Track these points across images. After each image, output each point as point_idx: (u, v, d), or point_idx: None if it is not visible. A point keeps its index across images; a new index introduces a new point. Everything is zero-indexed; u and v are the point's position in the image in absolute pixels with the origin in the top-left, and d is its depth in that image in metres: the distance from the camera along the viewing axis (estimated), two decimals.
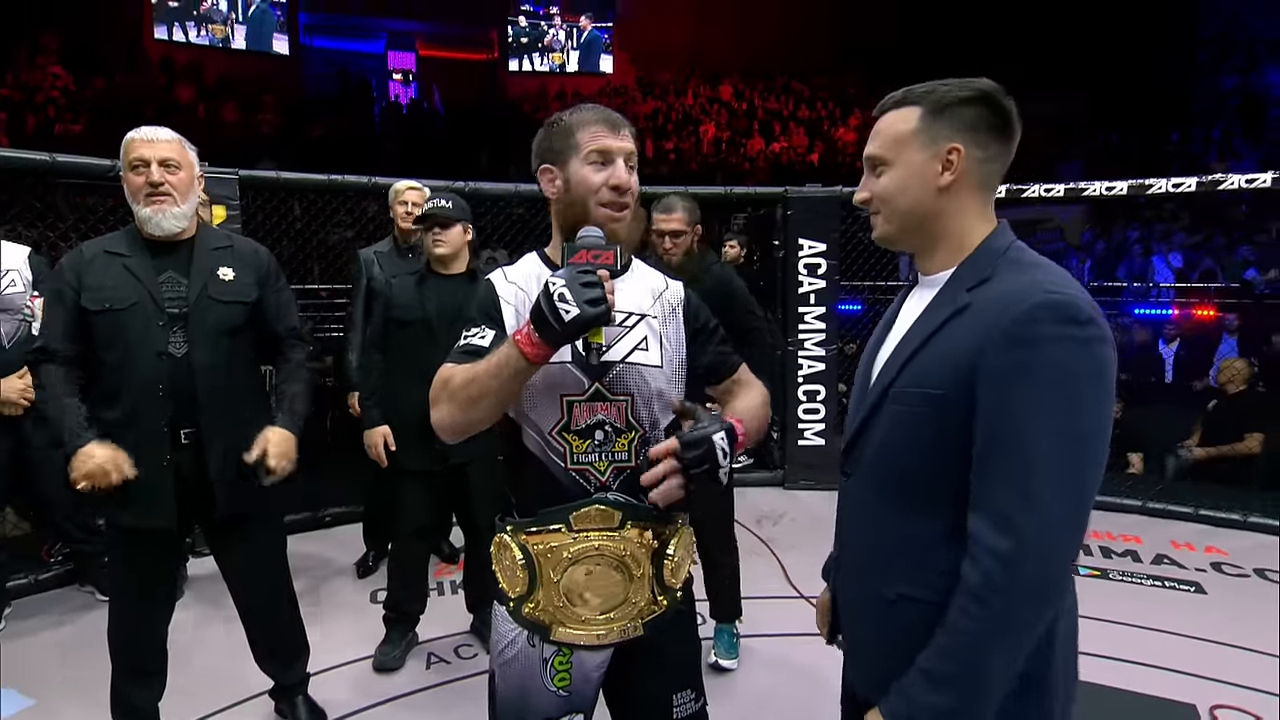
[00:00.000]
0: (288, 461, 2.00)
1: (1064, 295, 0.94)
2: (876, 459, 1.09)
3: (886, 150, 1.08)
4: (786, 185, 4.95)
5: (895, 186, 1.07)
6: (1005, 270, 1.01)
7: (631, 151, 1.30)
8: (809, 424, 4.76)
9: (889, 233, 1.11)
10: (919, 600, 1.02)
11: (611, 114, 1.31)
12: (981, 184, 1.06)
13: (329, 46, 16.63)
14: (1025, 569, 0.91)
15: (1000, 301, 0.96)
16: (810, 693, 2.50)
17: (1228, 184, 4.02)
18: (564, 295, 1.11)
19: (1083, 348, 0.93)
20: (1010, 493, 0.92)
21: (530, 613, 1.27)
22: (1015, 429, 0.92)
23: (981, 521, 0.94)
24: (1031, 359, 0.92)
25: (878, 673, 1.06)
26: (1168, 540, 3.91)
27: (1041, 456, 0.91)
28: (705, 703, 1.42)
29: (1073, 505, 0.92)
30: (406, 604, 2.77)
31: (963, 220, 1.06)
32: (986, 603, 0.92)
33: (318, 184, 4.09)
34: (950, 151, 1.03)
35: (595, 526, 1.24)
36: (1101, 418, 0.94)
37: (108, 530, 2.01)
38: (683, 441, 1.15)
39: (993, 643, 0.93)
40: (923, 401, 1.01)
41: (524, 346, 1.14)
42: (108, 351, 1.89)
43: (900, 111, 1.08)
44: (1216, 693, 2.49)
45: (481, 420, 1.23)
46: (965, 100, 1.04)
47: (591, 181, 1.27)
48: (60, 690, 2.52)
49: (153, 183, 1.88)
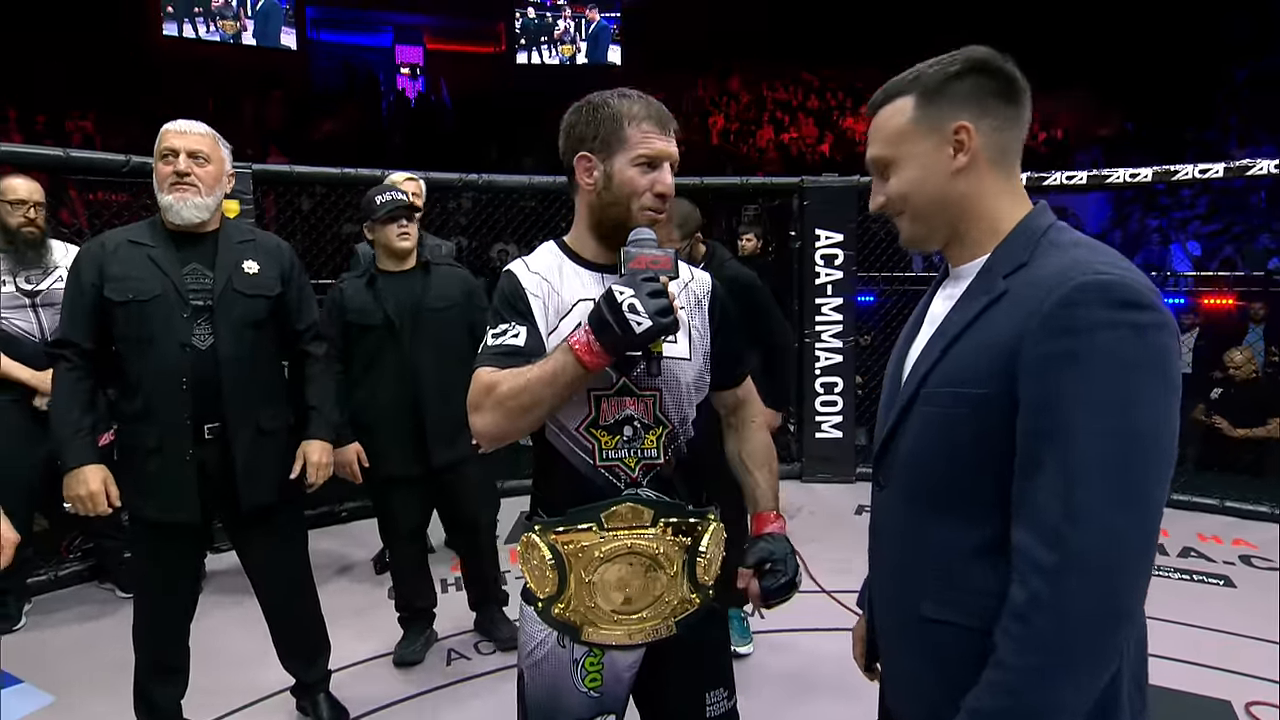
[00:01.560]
0: (327, 471, 2.09)
1: (1115, 275, 0.82)
2: (909, 466, 0.99)
3: (889, 149, 0.99)
4: (799, 175, 4.89)
5: (909, 184, 0.98)
6: (1045, 251, 0.90)
7: (676, 156, 1.26)
8: (826, 416, 4.72)
9: (916, 232, 1.02)
10: (953, 624, 0.93)
11: (662, 110, 1.26)
12: (1000, 157, 0.96)
13: (336, 40, 16.60)
14: (1075, 587, 0.79)
15: (1042, 284, 0.85)
16: (831, 686, 2.47)
17: (1257, 169, 3.94)
18: (634, 306, 1.08)
19: (1139, 335, 0.80)
20: (1055, 501, 0.81)
21: (560, 613, 1.24)
22: (1060, 428, 0.81)
23: (1026, 534, 0.83)
24: (1078, 347, 0.81)
25: (917, 699, 1.00)
26: (1194, 533, 3.85)
27: (1092, 459, 0.79)
28: (736, 700, 1.40)
29: (1132, 514, 0.80)
30: (417, 602, 2.74)
31: (988, 201, 0.96)
32: (1031, 624, 0.81)
33: (330, 178, 4.07)
34: (958, 130, 0.94)
35: (626, 525, 1.21)
36: (1163, 414, 0.81)
37: (131, 524, 2.00)
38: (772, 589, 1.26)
39: (1044, 676, 0.81)
40: (957, 402, 0.91)
41: (583, 355, 1.11)
42: (130, 343, 1.88)
43: (892, 105, 0.99)
44: (1251, 689, 2.44)
45: (529, 428, 1.21)
46: (958, 74, 0.95)
47: (638, 184, 1.22)
48: (79, 687, 2.51)
49: (179, 171, 1.86)
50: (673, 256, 1.15)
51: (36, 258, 2.89)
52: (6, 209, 2.84)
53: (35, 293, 2.89)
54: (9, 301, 2.86)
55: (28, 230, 2.85)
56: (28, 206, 2.85)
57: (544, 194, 4.56)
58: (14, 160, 3.24)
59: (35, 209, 2.87)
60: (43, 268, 2.91)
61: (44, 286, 2.90)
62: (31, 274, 2.89)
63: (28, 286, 2.88)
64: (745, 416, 1.44)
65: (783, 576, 1.26)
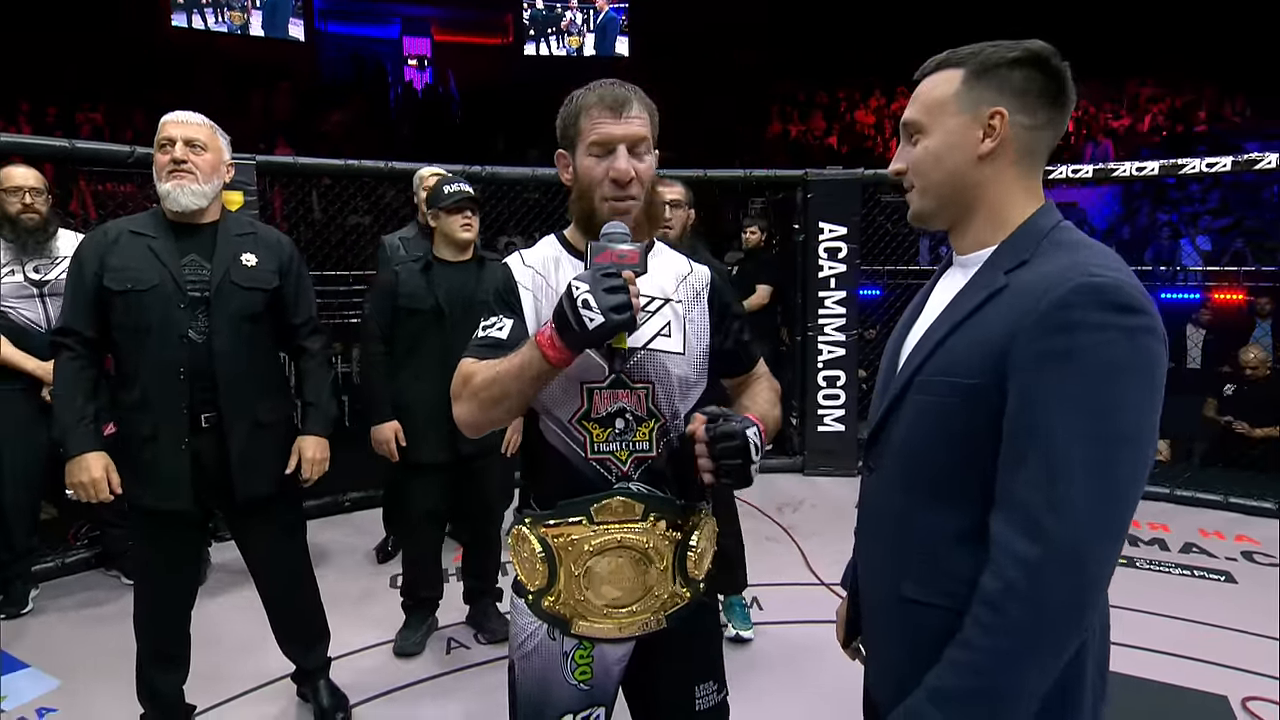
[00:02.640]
0: (322, 467, 2.11)
1: (1109, 278, 0.85)
2: (901, 453, 1.01)
3: (924, 115, 0.99)
4: (805, 168, 4.88)
5: (932, 154, 0.98)
6: (1048, 251, 0.92)
7: (639, 137, 1.21)
8: (829, 410, 4.72)
9: (925, 207, 1.02)
10: (932, 605, 0.95)
11: (617, 92, 1.22)
12: (1026, 154, 0.97)
13: (344, 32, 16.60)
14: (1052, 579, 0.82)
15: (1039, 284, 0.87)
16: (830, 679, 2.48)
17: (1264, 163, 3.90)
18: (588, 302, 1.06)
19: (1127, 338, 0.83)
20: (1038, 495, 0.83)
21: (550, 606, 1.25)
22: (1046, 425, 0.83)
23: (1005, 524, 0.86)
24: (1068, 347, 0.83)
25: (893, 679, 1.01)
26: (1196, 528, 3.83)
27: (1075, 457, 0.82)
28: (727, 693, 1.40)
29: (1108, 513, 0.83)
30: (422, 591, 2.77)
31: (1003, 193, 0.97)
32: (1004, 612, 0.84)
33: (335, 169, 4.08)
34: (993, 116, 0.94)
35: (617, 518, 1.22)
36: (1144, 420, 0.84)
37: (131, 513, 2.02)
38: (716, 433, 1.12)
39: (1012, 660, 0.84)
40: (951, 391, 0.93)
41: (546, 350, 1.11)
42: (128, 332, 1.89)
43: (942, 74, 0.99)
44: (1248, 684, 2.44)
45: (503, 419, 1.21)
46: (1013, 62, 0.94)
47: (594, 174, 1.22)
48: (85, 671, 2.55)
49: (176, 159, 1.88)
50: (641, 251, 1.14)
51: (40, 245, 2.91)
52: (3, 197, 2.86)
53: (43, 283, 2.92)
54: (17, 291, 2.88)
55: (27, 217, 2.87)
56: (24, 193, 2.86)
57: (547, 186, 4.56)
58: (22, 151, 3.26)
59: (32, 194, 2.88)
60: (50, 257, 2.94)
61: (51, 277, 2.92)
62: (40, 264, 2.91)
63: (35, 276, 2.91)
64: (754, 376, 1.43)
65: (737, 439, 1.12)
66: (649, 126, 1.24)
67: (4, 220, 2.87)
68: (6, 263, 2.88)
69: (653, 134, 1.25)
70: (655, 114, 1.27)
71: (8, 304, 2.87)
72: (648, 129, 1.23)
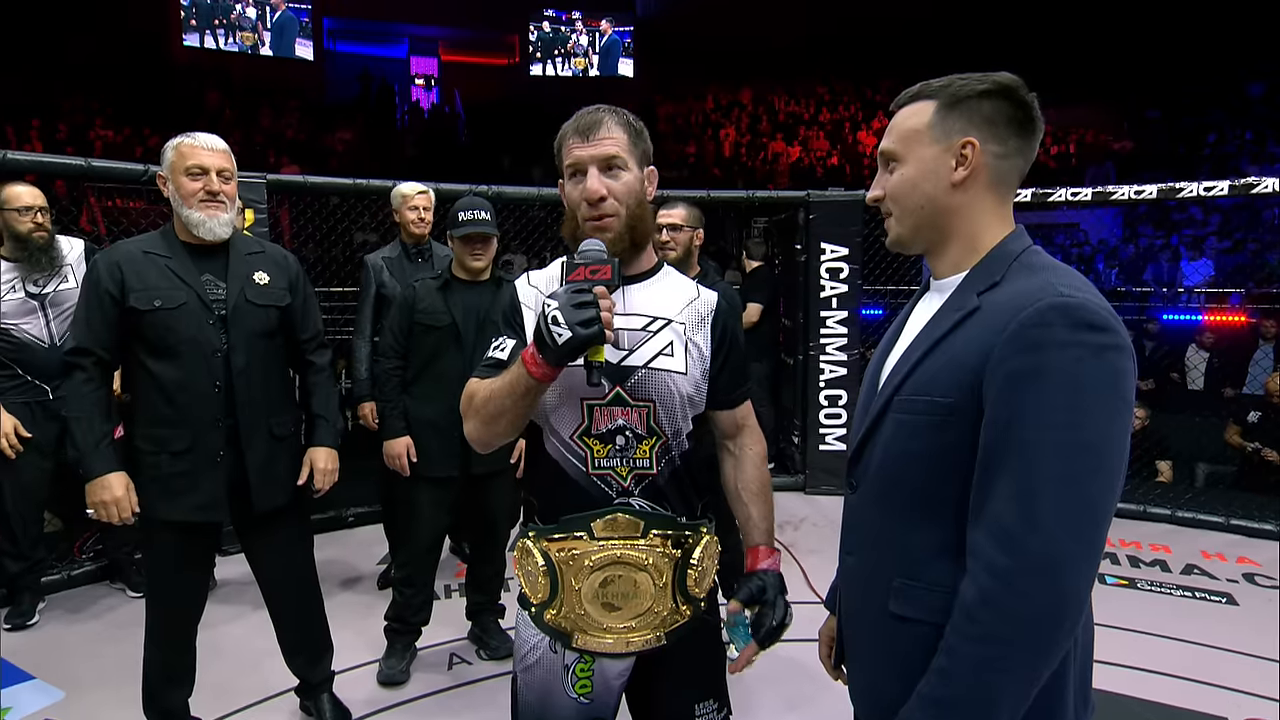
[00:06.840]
0: (333, 477, 2.17)
1: (1077, 298, 0.88)
2: (881, 470, 1.04)
3: (900, 145, 1.04)
4: (808, 189, 4.93)
5: (908, 182, 1.03)
6: (1018, 273, 0.96)
7: (608, 156, 1.23)
8: (830, 429, 4.73)
9: (901, 234, 1.06)
10: (916, 621, 0.98)
11: (588, 118, 1.25)
12: (998, 182, 1.01)
13: (352, 51, 16.82)
14: (1026, 588, 0.85)
15: (1010, 304, 0.91)
16: (832, 699, 2.48)
17: (1262, 187, 3.94)
18: (556, 318, 1.10)
19: (1095, 356, 0.86)
20: (1012, 507, 0.86)
21: (552, 619, 1.27)
22: (1019, 439, 0.87)
23: (982, 536, 0.89)
24: (1039, 365, 0.87)
25: (877, 696, 1.03)
26: (1198, 550, 3.83)
27: (1046, 470, 0.85)
28: (729, 712, 1.41)
29: (1081, 524, 0.85)
30: (411, 616, 2.68)
31: (977, 219, 1.01)
32: (980, 621, 0.87)
33: (343, 188, 4.13)
34: (964, 146, 0.99)
35: (618, 535, 1.24)
36: (1114, 432, 0.87)
37: (146, 526, 2.01)
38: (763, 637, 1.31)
39: (993, 667, 0.87)
40: (929, 409, 0.96)
41: (530, 367, 1.14)
42: (158, 351, 1.92)
43: (915, 106, 1.04)
44: (1249, 706, 2.44)
45: (504, 434, 1.25)
46: (982, 93, 0.99)
47: (572, 198, 1.27)
48: (90, 684, 2.56)
49: (210, 191, 1.93)
50: (614, 266, 1.15)
51: (49, 262, 2.94)
52: (14, 216, 2.88)
53: (43, 295, 2.94)
54: (19, 309, 2.90)
55: (38, 235, 2.90)
56: (34, 212, 2.89)
57: (552, 205, 4.61)
58: (39, 169, 3.33)
59: (41, 213, 2.92)
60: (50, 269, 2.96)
61: (50, 289, 2.94)
62: (38, 276, 2.93)
63: (35, 289, 2.92)
64: (744, 444, 1.43)
65: (771, 619, 1.30)
66: (623, 145, 1.25)
67: (13, 239, 2.90)
68: (8, 280, 2.89)
69: (635, 151, 1.27)
70: (639, 133, 1.29)
71: (9, 321, 2.89)
72: (620, 147, 1.24)
